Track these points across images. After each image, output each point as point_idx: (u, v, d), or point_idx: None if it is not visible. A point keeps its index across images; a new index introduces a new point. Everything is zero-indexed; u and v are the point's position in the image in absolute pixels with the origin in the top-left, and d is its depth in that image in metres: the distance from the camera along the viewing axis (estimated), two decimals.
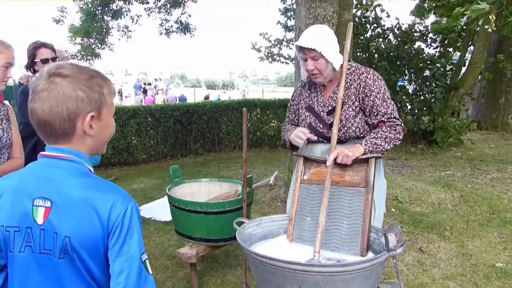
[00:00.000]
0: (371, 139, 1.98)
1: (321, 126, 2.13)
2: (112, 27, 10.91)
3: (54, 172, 1.06)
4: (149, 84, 24.22)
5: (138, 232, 1.05)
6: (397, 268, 1.59)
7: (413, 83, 8.32)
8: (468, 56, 9.30)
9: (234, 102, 9.20)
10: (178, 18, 11.39)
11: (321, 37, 1.98)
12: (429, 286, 2.95)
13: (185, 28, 11.51)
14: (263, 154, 8.55)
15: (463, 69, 8.76)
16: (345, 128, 2.08)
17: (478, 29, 8.59)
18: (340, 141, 2.12)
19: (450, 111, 8.44)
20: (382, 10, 9.12)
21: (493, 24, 4.54)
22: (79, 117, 1.05)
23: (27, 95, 2.98)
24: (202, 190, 3.15)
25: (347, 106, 2.08)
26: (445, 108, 8.10)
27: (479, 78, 9.69)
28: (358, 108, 2.08)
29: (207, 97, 19.43)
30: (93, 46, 10.80)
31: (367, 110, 2.07)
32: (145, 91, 21.66)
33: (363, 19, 8.83)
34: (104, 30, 10.51)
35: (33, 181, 1.06)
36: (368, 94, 2.05)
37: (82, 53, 10.69)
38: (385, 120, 2.03)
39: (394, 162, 6.94)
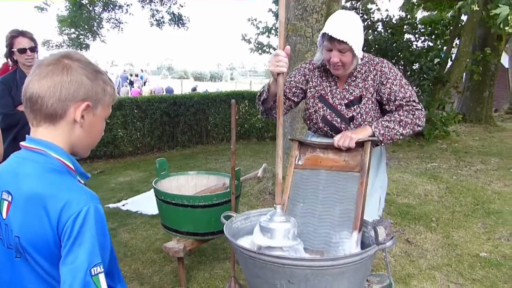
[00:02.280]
0: (383, 122, 1.89)
1: (339, 120, 2.01)
2: (102, 18, 10.70)
3: (23, 165, 1.00)
4: (136, 75, 23.89)
5: (92, 240, 0.92)
6: (386, 261, 1.58)
7: None
8: (454, 50, 9.39)
9: (222, 94, 9.14)
10: (169, 8, 11.19)
11: (353, 30, 1.84)
12: (416, 276, 2.98)
13: (178, 19, 11.32)
14: (251, 146, 8.53)
15: (449, 63, 8.85)
16: (365, 123, 1.98)
17: (464, 23, 8.68)
18: None
19: (436, 104, 8.53)
20: (372, 2, 9.11)
21: (511, 24, 4.57)
22: (75, 102, 1.00)
23: (6, 85, 2.87)
24: (189, 183, 3.11)
25: (366, 99, 1.98)
26: (432, 101, 8.18)
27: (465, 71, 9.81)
28: (375, 100, 2.00)
29: (194, 89, 19.28)
30: (82, 37, 10.57)
31: (385, 98, 1.96)
32: (131, 83, 21.34)
33: (353, 11, 8.81)
34: (93, 21, 10.30)
35: (4, 173, 1.01)
36: (385, 82, 1.95)
37: (68, 43, 10.45)
38: (404, 104, 1.93)
39: None
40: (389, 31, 8.78)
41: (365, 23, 8.88)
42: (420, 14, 11.06)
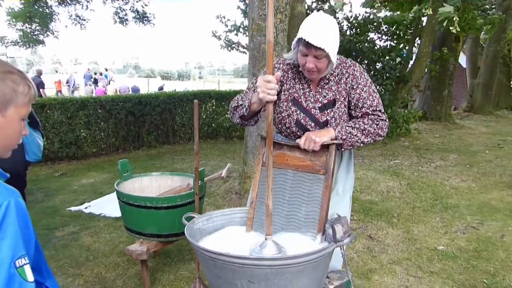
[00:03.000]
0: (347, 127, 1.88)
1: (313, 124, 1.96)
2: (58, 13, 10.33)
3: None
4: (100, 74, 23.22)
5: (15, 233, 0.94)
6: (344, 258, 1.62)
7: None
8: (415, 50, 9.73)
9: (188, 93, 9.05)
10: (133, 6, 10.93)
11: (331, 36, 1.79)
12: (377, 271, 3.07)
13: (142, 17, 11.09)
14: (218, 146, 8.50)
15: (411, 63, 9.17)
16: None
17: (424, 24, 9.02)
18: None
19: (399, 103, 8.82)
20: (341, 7, 9.28)
21: (457, 26, 4.72)
22: None
23: None
24: (153, 184, 3.06)
25: (340, 102, 1.95)
26: (395, 100, 8.45)
27: (425, 71, 10.19)
28: (347, 104, 1.98)
29: (161, 88, 18.98)
30: (36, 32, 10.15)
31: (353, 104, 1.95)
32: (95, 82, 20.74)
33: (317, 11, 8.95)
34: (48, 16, 9.91)
35: None
36: (355, 87, 1.94)
37: (24, 39, 10.03)
38: (370, 112, 1.92)
39: None
40: (354, 31, 8.98)
41: None
42: (383, 13, 11.39)
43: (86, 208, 4.59)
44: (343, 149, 1.93)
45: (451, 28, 4.95)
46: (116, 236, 3.75)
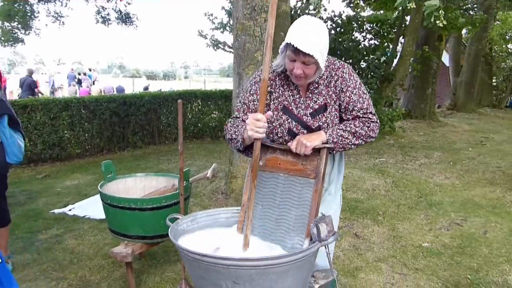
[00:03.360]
0: (338, 130, 1.86)
1: (305, 132, 1.91)
2: (39, 11, 10.12)
3: None
4: (84, 74, 22.87)
5: None
6: (329, 257, 1.62)
7: None
8: (399, 49, 9.84)
9: (174, 93, 8.99)
10: (115, 5, 10.73)
11: (320, 41, 1.74)
12: (363, 269, 3.09)
13: (125, 18, 10.89)
14: (205, 145, 8.46)
15: (395, 61, 9.28)
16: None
17: (408, 23, 9.13)
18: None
19: (383, 101, 8.91)
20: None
21: (443, 20, 4.75)
22: None
23: None
24: (137, 186, 3.03)
25: (331, 107, 1.91)
26: (380, 99, 8.53)
27: (409, 69, 10.32)
28: (338, 107, 1.94)
29: (146, 88, 18.81)
30: (15, 30, 9.92)
31: (343, 107, 1.92)
32: (79, 82, 20.42)
33: (300, 11, 8.98)
34: (29, 14, 9.69)
35: None
36: (345, 90, 1.89)
37: (2, 38, 9.80)
38: (360, 115, 1.89)
39: None
40: (338, 30, 9.04)
41: None
42: (367, 12, 11.49)
43: (70, 210, 4.51)
44: (334, 152, 1.91)
45: (437, 22, 4.99)
46: (101, 238, 3.70)
